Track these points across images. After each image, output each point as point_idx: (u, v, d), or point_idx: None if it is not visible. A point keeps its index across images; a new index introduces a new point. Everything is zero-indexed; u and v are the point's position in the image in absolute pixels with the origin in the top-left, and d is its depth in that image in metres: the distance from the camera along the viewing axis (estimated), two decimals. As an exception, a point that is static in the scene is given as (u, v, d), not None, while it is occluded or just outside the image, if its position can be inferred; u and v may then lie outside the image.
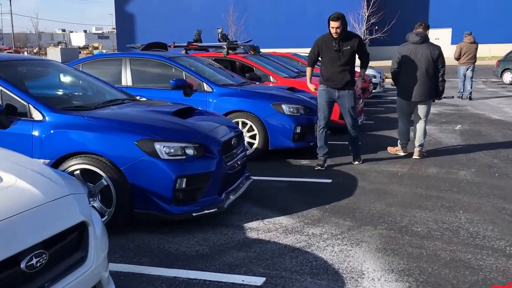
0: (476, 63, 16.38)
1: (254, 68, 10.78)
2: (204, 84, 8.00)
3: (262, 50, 21.94)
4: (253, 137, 7.82)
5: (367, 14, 28.66)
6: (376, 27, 30.52)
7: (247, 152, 7.50)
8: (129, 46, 11.58)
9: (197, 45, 11.36)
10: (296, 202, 5.78)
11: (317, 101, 7.48)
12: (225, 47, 10.93)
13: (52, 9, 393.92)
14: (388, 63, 9.35)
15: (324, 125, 7.39)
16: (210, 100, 7.90)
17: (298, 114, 7.86)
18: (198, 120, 5.58)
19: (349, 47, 7.14)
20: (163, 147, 4.73)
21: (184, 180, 4.79)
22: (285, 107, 7.77)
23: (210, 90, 7.96)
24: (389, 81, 24.28)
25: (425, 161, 7.75)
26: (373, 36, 30.05)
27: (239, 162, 5.65)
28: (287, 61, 14.55)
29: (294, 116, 7.78)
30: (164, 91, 8.01)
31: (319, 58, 7.42)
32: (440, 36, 44.30)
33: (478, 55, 16.44)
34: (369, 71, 17.94)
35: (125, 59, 8.40)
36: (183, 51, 11.21)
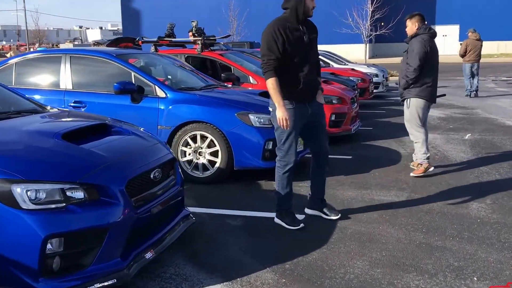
0: (480, 61, 15.49)
1: (231, 67, 9.04)
2: (157, 87, 6.31)
3: None
4: (215, 154, 6.12)
5: (371, 10, 26.75)
6: (383, 23, 28.58)
7: (209, 172, 6.06)
8: (94, 42, 9.89)
9: (169, 40, 9.62)
10: (247, 256, 4.07)
11: (278, 129, 4.59)
12: (199, 43, 9.19)
13: (71, 6, 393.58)
14: (394, 60, 7.67)
15: (294, 164, 4.67)
16: (162, 107, 6.20)
17: (270, 126, 6.11)
18: (101, 144, 3.82)
19: (315, 35, 4.60)
20: (25, 191, 3.02)
21: (60, 240, 3.10)
22: (253, 118, 6.05)
23: (164, 95, 6.26)
24: (393, 80, 22.50)
25: (428, 186, 5.99)
26: (377, 33, 28.15)
27: (166, 202, 3.93)
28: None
29: (265, 129, 6.06)
30: (108, 96, 6.34)
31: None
32: (448, 33, 42.24)
33: (485, 52, 15.80)
34: (370, 69, 16.18)
35: (65, 57, 6.71)
36: (152, 48, 9.49)
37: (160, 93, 6.27)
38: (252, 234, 4.55)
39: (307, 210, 5.06)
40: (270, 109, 4.64)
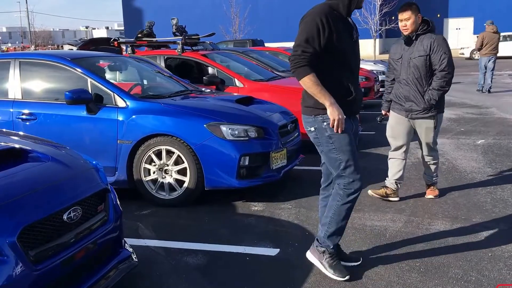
0: (498, 54, 14.91)
1: (215, 69, 8.27)
2: (116, 96, 5.54)
3: (269, 45, 19.47)
4: (183, 172, 5.35)
5: (379, 3, 25.84)
6: (393, 17, 27.62)
7: (176, 193, 5.38)
8: (67, 43, 9.16)
9: (147, 41, 8.87)
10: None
11: (331, 149, 3.49)
12: (179, 42, 8.43)
13: (77, 7, 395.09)
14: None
15: (360, 191, 3.60)
16: (122, 118, 5.44)
17: (247, 139, 5.35)
18: None
19: (358, 35, 3.69)
20: None
21: None
22: (225, 129, 5.27)
23: (123, 104, 5.50)
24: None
25: (430, 206, 5.19)
26: (386, 27, 27.22)
27: (89, 247, 3.15)
28: (273, 57, 12.02)
29: (240, 142, 5.29)
30: (61, 106, 5.61)
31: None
32: (461, 26, 41.14)
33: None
34: (377, 66, 15.34)
35: (14, 62, 5.97)
36: (130, 50, 8.75)
37: (119, 102, 5.52)
38: (212, 280, 3.77)
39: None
40: (311, 128, 3.48)
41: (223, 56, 9.36)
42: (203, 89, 6.94)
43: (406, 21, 4.94)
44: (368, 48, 30.70)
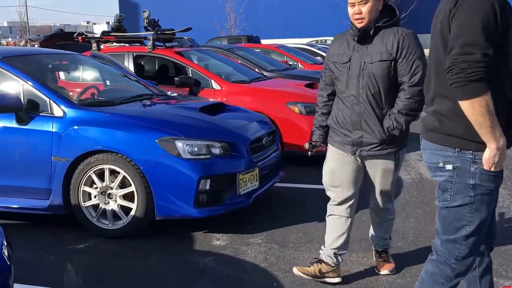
0: None
1: (189, 68, 7.27)
2: (51, 102, 4.53)
3: (266, 42, 18.42)
4: (130, 197, 4.34)
5: (381, -1, 24.78)
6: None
7: (121, 222, 4.41)
8: (28, 38, 8.17)
9: (115, 36, 7.87)
10: None
11: (472, 199, 2.35)
12: (150, 38, 7.43)
13: (78, 1, 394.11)
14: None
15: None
16: (57, 130, 4.43)
17: (208, 157, 4.35)
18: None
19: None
20: None
21: None
22: (182, 145, 4.27)
23: (60, 113, 4.48)
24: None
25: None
26: (388, 24, 26.13)
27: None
28: (264, 56, 11.01)
29: (199, 161, 4.29)
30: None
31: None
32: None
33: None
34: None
35: None
36: (94, 46, 7.75)
37: (56, 110, 4.52)
38: None
39: None
40: (447, 166, 2.38)
41: (202, 54, 8.37)
42: (170, 92, 5.94)
43: (361, 6, 3.06)
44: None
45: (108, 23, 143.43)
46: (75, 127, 4.39)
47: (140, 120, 4.45)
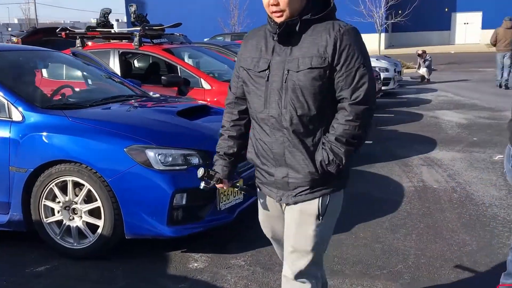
0: None
1: (178, 66, 6.68)
2: (10, 105, 3.95)
3: None
4: (96, 213, 3.77)
5: (385, -5, 24.12)
6: (400, 11, 25.83)
7: (87, 241, 3.87)
8: (10, 34, 7.60)
9: (100, 32, 7.27)
10: None
11: None
12: (137, 34, 6.83)
13: None
14: (408, 50, 5.23)
15: None
16: (14, 136, 3.87)
17: (184, 168, 3.77)
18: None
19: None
20: None
21: None
22: (153, 155, 3.69)
23: (19, 118, 3.91)
24: (408, 73, 19.78)
25: (439, 268, 3.57)
26: (392, 21, 25.47)
27: None
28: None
29: (173, 173, 3.71)
30: None
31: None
32: (470, 20, 39.20)
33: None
34: (379, 63, 13.68)
35: None
36: (78, 42, 7.16)
37: (14, 114, 3.95)
38: None
39: None
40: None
41: (194, 51, 7.78)
42: (152, 93, 5.35)
43: None
44: (373, 43, 28.92)
45: (117, 20, 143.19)
46: (35, 133, 3.80)
47: (107, 126, 3.86)
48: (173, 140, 3.84)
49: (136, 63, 7.85)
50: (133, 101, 4.79)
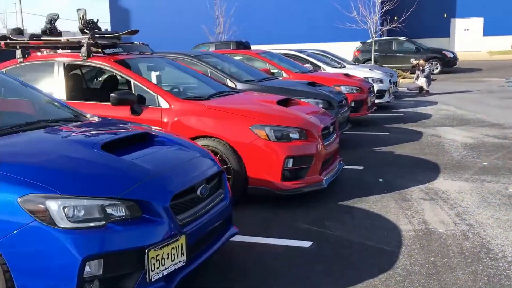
0: None
1: (132, 81, 5.79)
2: None
3: (259, 47, 16.94)
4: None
5: (380, 0, 23.31)
6: (396, 17, 25.07)
7: None
8: None
9: (44, 41, 6.36)
10: None
11: None
12: (85, 42, 5.94)
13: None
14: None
15: None
16: None
17: (102, 224, 2.91)
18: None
19: None
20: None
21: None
22: (57, 207, 2.85)
23: None
24: (405, 83, 18.94)
25: None
26: (387, 27, 24.71)
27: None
28: (242, 65, 9.55)
29: (85, 232, 2.82)
30: None
31: None
32: (470, 27, 38.60)
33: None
34: (373, 73, 12.89)
35: None
36: (19, 53, 6.25)
37: None
38: None
39: None
40: None
41: (157, 62, 6.87)
42: (90, 115, 4.45)
43: None
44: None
45: (106, 30, 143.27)
46: None
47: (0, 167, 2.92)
48: (87, 186, 2.93)
49: (86, 78, 6.94)
50: (53, 127, 3.86)
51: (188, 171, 3.47)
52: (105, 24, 48.34)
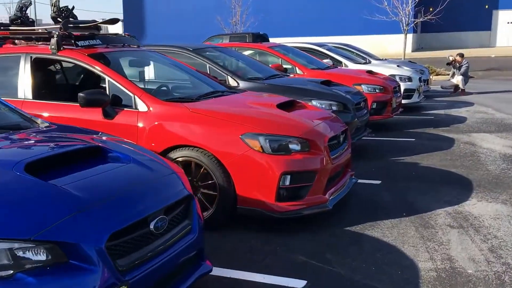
0: None
1: (107, 78, 5.25)
2: None
3: (276, 40, 16.29)
4: None
5: (413, -11, 22.56)
6: (431, 8, 24.23)
7: None
8: None
9: (11, 31, 5.85)
10: None
11: None
12: (55, 33, 5.42)
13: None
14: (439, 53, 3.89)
15: None
16: None
17: (10, 274, 2.25)
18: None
19: None
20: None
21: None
22: None
23: None
24: (439, 80, 18.17)
25: None
26: (420, 19, 23.89)
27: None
28: (250, 60, 9.03)
29: None
30: None
31: None
32: (513, 19, 37.46)
33: None
34: (401, 70, 12.20)
35: None
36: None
37: None
38: None
39: None
40: None
41: (142, 58, 6.33)
42: (40, 121, 3.91)
43: None
44: (397, 45, 27.39)
45: (122, 21, 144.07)
46: None
47: None
48: None
49: (57, 74, 6.42)
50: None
51: (139, 198, 2.88)
52: (117, 14, 48.34)
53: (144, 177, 3.12)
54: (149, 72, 6.42)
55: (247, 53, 10.83)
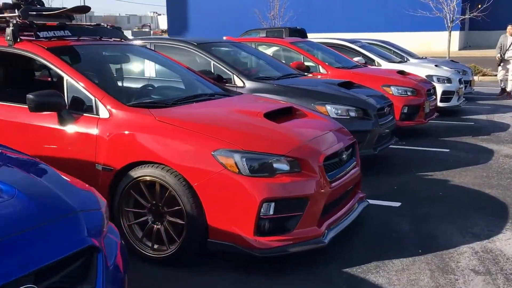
0: None
1: (65, 78, 4.36)
2: None
3: (316, 36, 15.24)
4: None
5: (459, -16, 21.06)
6: (480, 5, 22.64)
7: None
8: None
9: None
10: None
11: None
12: (12, 22, 4.60)
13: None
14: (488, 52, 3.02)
15: None
16: None
17: None
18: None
19: None
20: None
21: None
22: None
23: None
24: (486, 81, 16.74)
25: None
26: (466, 16, 22.35)
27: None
28: (267, 57, 8.12)
29: None
30: None
31: None
32: None
33: None
34: (439, 71, 10.98)
35: None
36: None
37: None
38: None
39: None
40: None
41: (121, 53, 5.44)
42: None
43: None
44: (443, 43, 25.83)
45: (157, 13, 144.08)
46: None
47: None
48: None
49: (14, 70, 5.57)
50: None
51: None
52: (160, 7, 47.75)
53: (21, 222, 2.18)
54: (129, 70, 5.52)
55: (270, 49, 9.92)
